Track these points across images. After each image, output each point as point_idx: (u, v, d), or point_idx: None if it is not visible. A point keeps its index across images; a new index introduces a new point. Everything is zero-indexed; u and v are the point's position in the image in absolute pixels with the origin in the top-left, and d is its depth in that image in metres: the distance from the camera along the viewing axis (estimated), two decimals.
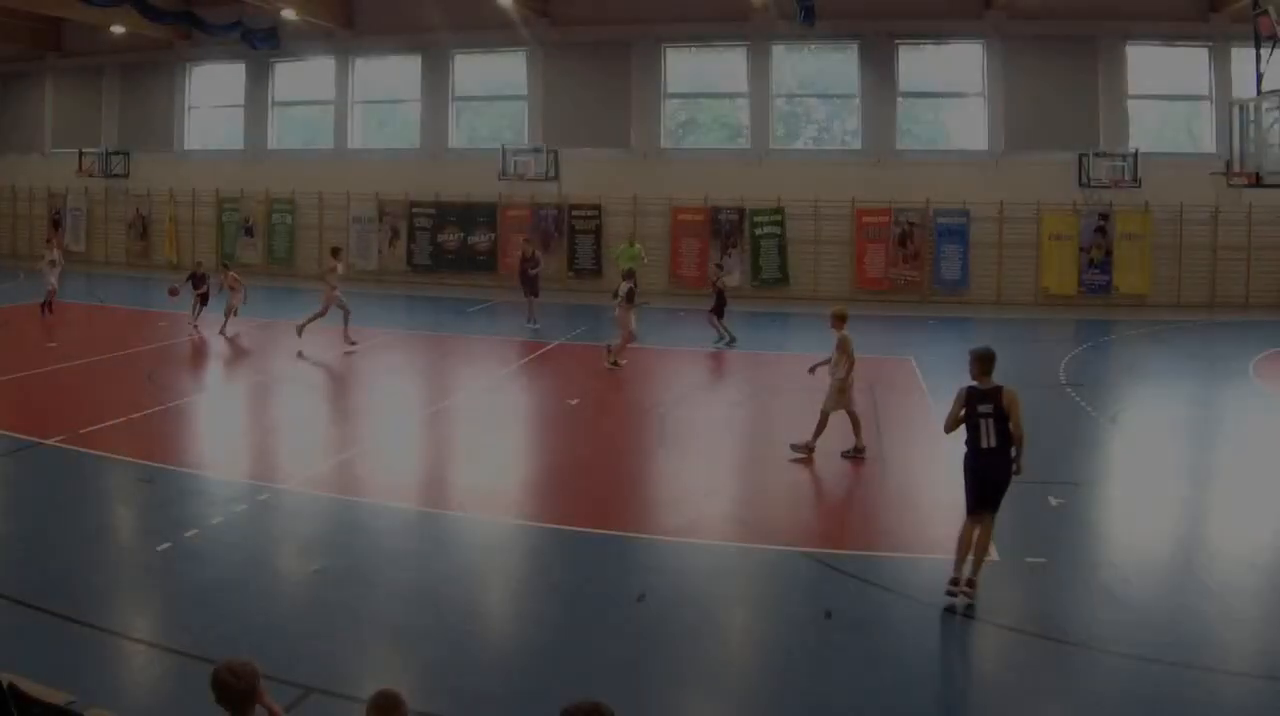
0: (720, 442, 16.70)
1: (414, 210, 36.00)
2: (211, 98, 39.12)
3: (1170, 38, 32.88)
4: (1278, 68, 22.94)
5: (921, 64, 34.54)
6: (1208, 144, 32.47)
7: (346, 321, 23.20)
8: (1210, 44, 32.47)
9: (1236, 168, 24.78)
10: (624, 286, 22.03)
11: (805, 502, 13.44)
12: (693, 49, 35.70)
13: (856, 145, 34.18)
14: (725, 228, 33.98)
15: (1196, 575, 10.61)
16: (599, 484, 13.98)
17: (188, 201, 38.52)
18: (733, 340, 24.72)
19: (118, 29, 35.56)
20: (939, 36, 34.05)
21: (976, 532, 9.70)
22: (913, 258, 33.17)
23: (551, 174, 34.51)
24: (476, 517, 12.33)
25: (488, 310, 31.11)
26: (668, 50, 35.02)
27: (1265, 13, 23.53)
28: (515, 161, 34.44)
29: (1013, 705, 8.17)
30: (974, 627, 9.38)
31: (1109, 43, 32.72)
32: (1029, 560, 10.82)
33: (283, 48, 36.68)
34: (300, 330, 22.91)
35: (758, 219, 33.77)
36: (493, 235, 35.44)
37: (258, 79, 37.93)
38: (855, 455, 14.76)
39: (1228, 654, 8.72)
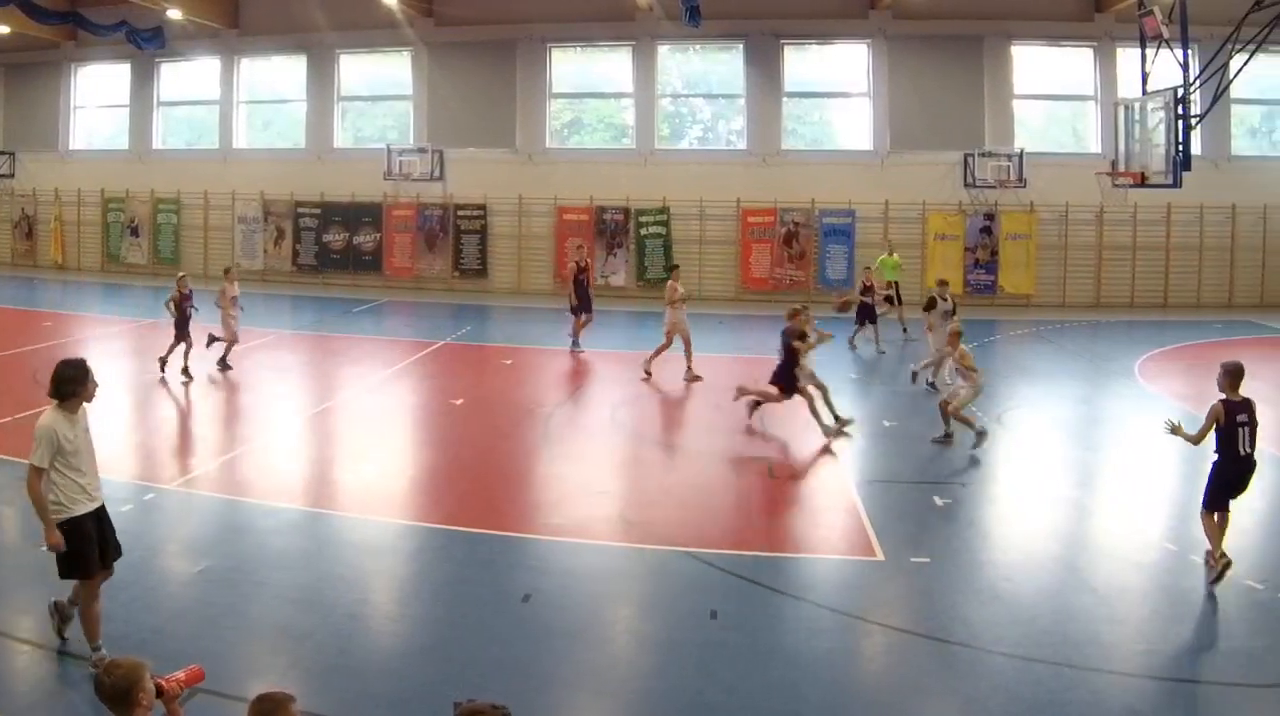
0: (604, 442, 14.70)
1: (299, 210, 31.20)
2: (97, 98, 33.96)
3: (1055, 38, 28.96)
4: (1163, 67, 20.63)
5: (807, 64, 30.32)
6: (1093, 144, 28.68)
7: (688, 351, 18.67)
8: (1095, 44, 28.62)
9: (1121, 168, 22.35)
10: (939, 292, 18.14)
11: (690, 503, 11.77)
12: (578, 49, 31.15)
13: (742, 145, 29.83)
14: (610, 228, 29.52)
15: (1080, 575, 9.65)
16: (483, 484, 12.40)
17: (73, 201, 33.30)
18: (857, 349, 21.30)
19: (2, 29, 30.41)
20: (824, 36, 29.80)
21: (1218, 519, 9.44)
22: (798, 257, 28.88)
23: (437, 174, 29.94)
24: (361, 518, 11.00)
25: (373, 310, 27.23)
26: (553, 50, 30.49)
27: (1151, 12, 21.05)
28: (400, 161, 29.83)
29: (897, 705, 7.34)
30: (858, 627, 8.55)
31: (994, 43, 28.70)
32: (913, 559, 9.80)
33: (168, 48, 31.66)
34: (647, 365, 18.61)
35: (643, 219, 29.36)
36: (378, 235, 30.74)
37: (143, 79, 32.84)
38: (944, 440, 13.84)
39: (1111, 653, 7.94)
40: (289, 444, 14.36)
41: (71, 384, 7.25)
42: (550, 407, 16.40)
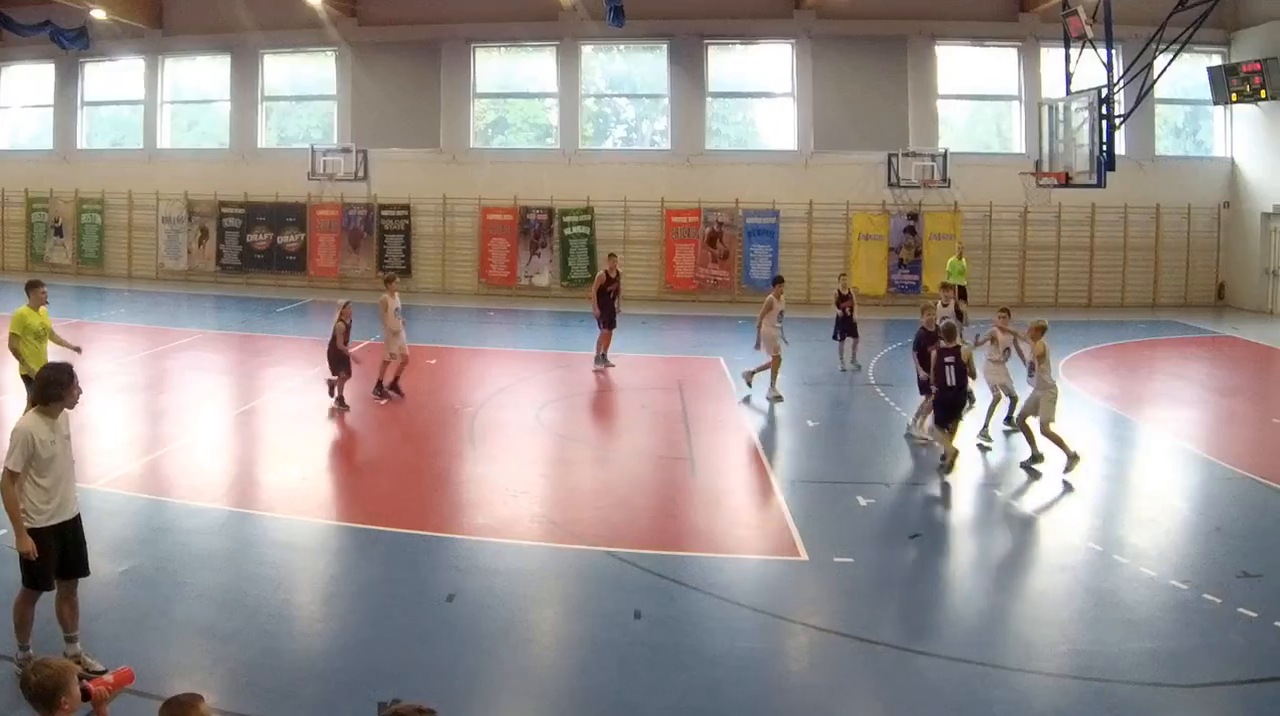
0: (529, 442, 13.40)
1: (223, 210, 28.09)
2: (20, 97, 30.65)
3: (980, 38, 26.35)
4: (1087, 67, 19.33)
5: (731, 64, 27.55)
6: (1017, 144, 26.10)
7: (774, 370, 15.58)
8: (1019, 44, 26.02)
9: (1045, 168, 20.70)
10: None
11: (614, 503, 10.84)
12: (502, 49, 28.14)
13: (666, 145, 26.96)
14: (534, 228, 26.63)
15: (1005, 575, 9.04)
16: (407, 483, 11.45)
17: None
18: (857, 368, 17.82)
19: None
20: (749, 37, 27.01)
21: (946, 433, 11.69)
22: (722, 258, 26.15)
23: (361, 174, 26.98)
24: (285, 518, 10.12)
25: (297, 310, 24.60)
26: (477, 50, 27.54)
27: (1075, 12, 19.33)
28: (324, 161, 26.89)
29: (821, 705, 6.71)
30: (782, 627, 7.76)
31: (918, 43, 26.11)
32: (837, 560, 9.00)
33: (92, 48, 28.42)
34: (749, 379, 15.55)
35: (567, 219, 26.49)
36: (302, 235, 27.70)
37: (67, 79, 29.61)
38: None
39: (1035, 653, 7.24)
40: (213, 444, 13.03)
41: (56, 388, 6.55)
42: (475, 407, 14.84)
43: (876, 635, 7.55)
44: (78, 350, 11.97)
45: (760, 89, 27.49)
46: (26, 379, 10.88)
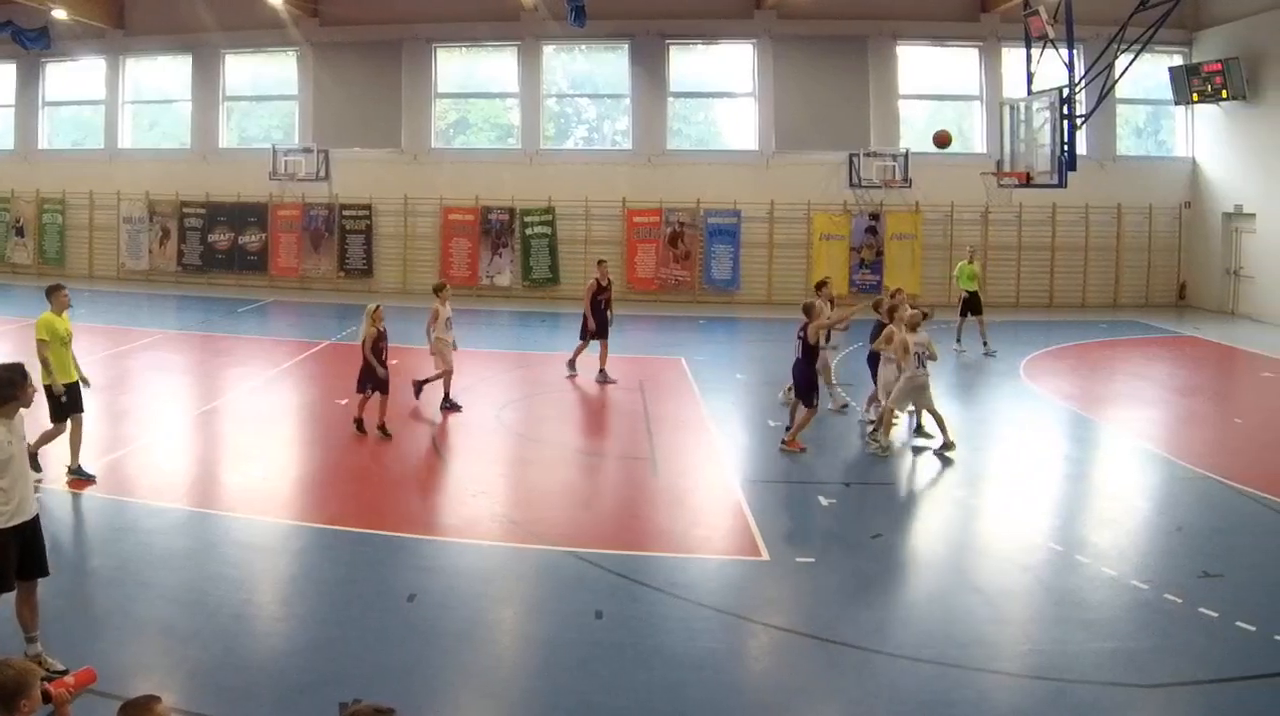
0: (490, 442, 12.86)
1: (184, 210, 26.72)
2: None
3: (941, 38, 25.29)
4: (1048, 67, 18.58)
5: (692, 64, 26.31)
6: (978, 144, 24.88)
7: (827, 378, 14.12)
8: (981, 44, 24.98)
9: (1007, 168, 19.84)
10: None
11: (575, 503, 10.49)
12: (463, 49, 26.88)
13: (627, 145, 25.77)
14: (496, 228, 25.38)
15: (966, 575, 8.50)
16: (369, 484, 10.90)
17: None
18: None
19: None
20: (710, 37, 25.88)
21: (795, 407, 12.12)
22: (684, 258, 25.00)
23: (322, 174, 25.69)
24: (247, 517, 9.65)
25: (258, 310, 23.48)
26: (438, 50, 26.28)
27: (1036, 12, 18.69)
28: (286, 161, 25.56)
29: (782, 705, 6.41)
30: (744, 627, 7.47)
31: (879, 43, 24.99)
32: (798, 559, 8.70)
33: (54, 47, 27.16)
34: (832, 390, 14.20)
35: (528, 219, 25.25)
36: (263, 235, 26.37)
37: (28, 79, 28.18)
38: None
39: (997, 653, 6.99)
40: (174, 444, 12.57)
41: (10, 388, 6.24)
42: (434, 408, 14.12)
43: (838, 635, 7.31)
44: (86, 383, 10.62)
45: (721, 89, 26.30)
46: (48, 389, 9.81)
